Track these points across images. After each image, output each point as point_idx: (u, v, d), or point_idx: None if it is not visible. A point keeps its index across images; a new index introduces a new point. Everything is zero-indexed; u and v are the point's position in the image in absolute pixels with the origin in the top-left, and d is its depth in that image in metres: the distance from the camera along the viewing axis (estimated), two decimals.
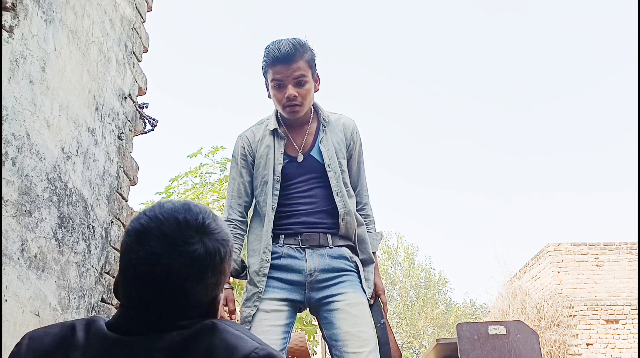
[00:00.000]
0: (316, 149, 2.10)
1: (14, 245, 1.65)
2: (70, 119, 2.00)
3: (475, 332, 3.32)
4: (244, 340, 0.90)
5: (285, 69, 2.00)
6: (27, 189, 1.73)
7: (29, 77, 1.75)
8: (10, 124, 1.65)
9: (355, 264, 2.06)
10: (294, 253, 2.01)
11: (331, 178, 2.07)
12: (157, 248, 0.91)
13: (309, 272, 1.98)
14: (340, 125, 2.16)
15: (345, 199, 2.06)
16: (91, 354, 0.90)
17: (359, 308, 1.96)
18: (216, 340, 0.89)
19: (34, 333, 0.95)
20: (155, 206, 0.96)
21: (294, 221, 2.04)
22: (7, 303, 1.61)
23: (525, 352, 3.24)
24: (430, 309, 22.59)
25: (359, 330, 1.92)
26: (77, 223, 2.04)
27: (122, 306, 0.96)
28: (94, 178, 2.18)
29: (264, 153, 2.10)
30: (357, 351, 1.89)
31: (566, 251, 11.68)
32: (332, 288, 1.98)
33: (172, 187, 7.63)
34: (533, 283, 12.37)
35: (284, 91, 2.01)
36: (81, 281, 2.06)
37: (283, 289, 1.98)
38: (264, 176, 2.08)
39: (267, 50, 2.04)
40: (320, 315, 2.00)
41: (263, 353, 0.88)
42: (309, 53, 2.05)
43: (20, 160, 1.70)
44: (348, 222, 2.06)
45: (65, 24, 1.97)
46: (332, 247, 2.03)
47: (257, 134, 2.14)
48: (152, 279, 0.91)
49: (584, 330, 11.01)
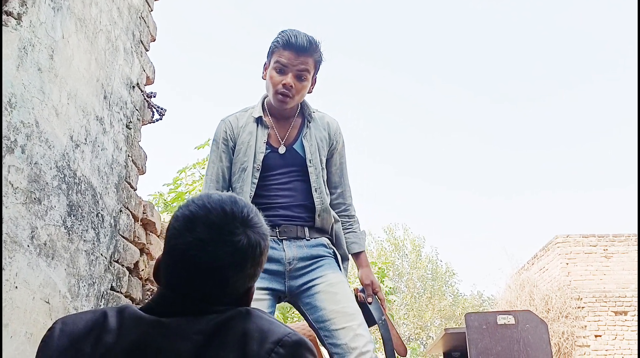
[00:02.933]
0: (299, 143, 2.11)
1: (24, 232, 1.66)
2: (78, 108, 2.00)
3: (483, 322, 3.31)
4: (277, 325, 0.94)
5: (294, 58, 2.01)
6: (37, 177, 1.73)
7: (37, 65, 1.75)
8: (20, 112, 1.65)
9: (334, 251, 2.08)
10: (272, 244, 2.00)
11: (311, 173, 2.08)
12: (203, 235, 0.96)
13: (288, 261, 1.99)
14: (324, 123, 2.18)
15: (323, 195, 2.07)
16: (126, 336, 0.93)
17: (340, 286, 1.97)
18: (251, 324, 0.93)
19: (66, 319, 0.98)
20: (203, 196, 1.02)
21: (272, 213, 2.03)
22: (17, 290, 1.62)
23: (534, 342, 3.23)
24: (438, 301, 22.58)
25: (343, 306, 1.92)
26: (86, 211, 2.04)
27: (162, 288, 1.00)
28: (103, 167, 2.19)
29: (246, 139, 2.09)
30: (345, 326, 1.88)
31: (575, 242, 11.63)
32: (311, 273, 1.99)
33: (180, 179, 7.65)
34: (541, 275, 12.33)
35: (283, 77, 2.01)
36: (90, 269, 2.07)
37: (264, 278, 1.97)
38: (243, 163, 2.07)
39: (283, 33, 2.04)
40: (303, 301, 1.99)
41: (295, 338, 0.92)
42: (319, 55, 2.07)
43: (29, 148, 1.70)
44: (324, 218, 2.08)
45: (73, 12, 1.97)
46: (309, 239, 2.05)
47: (240, 120, 2.13)
48: (197, 264, 0.96)
49: (592, 322, 10.98)
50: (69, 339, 0.94)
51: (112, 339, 0.93)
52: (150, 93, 2.66)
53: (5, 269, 1.56)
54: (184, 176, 7.61)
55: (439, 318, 22.46)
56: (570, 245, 11.65)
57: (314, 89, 2.14)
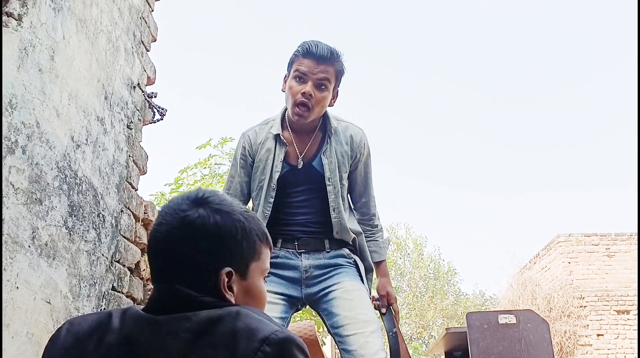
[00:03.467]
0: (318, 160, 2.06)
1: (25, 233, 1.66)
2: (79, 108, 2.00)
3: (485, 321, 3.31)
4: (265, 324, 0.93)
5: (314, 66, 1.95)
6: (38, 178, 1.74)
7: (38, 66, 1.75)
8: (20, 113, 1.66)
9: (354, 260, 2.06)
10: (290, 255, 2.02)
11: (329, 192, 2.04)
12: (161, 219, 1.01)
13: (304, 268, 1.99)
14: (347, 136, 2.10)
15: (341, 215, 2.04)
16: (126, 335, 0.95)
17: (356, 293, 1.95)
18: (240, 323, 0.92)
19: (73, 320, 1.02)
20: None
21: (291, 229, 2.04)
22: (18, 291, 1.62)
23: (535, 341, 3.22)
24: (440, 300, 22.58)
25: (357, 313, 1.90)
26: (87, 212, 2.04)
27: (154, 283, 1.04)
28: (104, 167, 2.19)
29: (264, 157, 2.06)
30: (356, 332, 1.87)
31: (577, 241, 11.61)
32: (328, 280, 1.98)
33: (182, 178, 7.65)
34: (543, 274, 12.32)
35: (303, 85, 1.95)
36: (92, 269, 2.07)
37: (280, 284, 1.98)
38: (261, 181, 2.06)
39: (303, 43, 1.99)
40: (320, 307, 2.00)
41: (282, 336, 0.90)
42: (341, 65, 2.01)
43: (30, 148, 1.70)
44: (343, 235, 2.06)
45: (74, 13, 1.97)
46: (329, 251, 2.04)
47: (259, 135, 2.10)
48: (157, 246, 1.01)
49: (594, 321, 10.96)
50: (74, 338, 0.97)
51: (113, 339, 0.95)
52: (151, 93, 2.67)
53: (6, 269, 1.56)
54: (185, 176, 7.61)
55: (441, 317, 22.46)
56: (572, 244, 11.63)
57: (335, 103, 2.07)
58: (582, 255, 11.56)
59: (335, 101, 2.06)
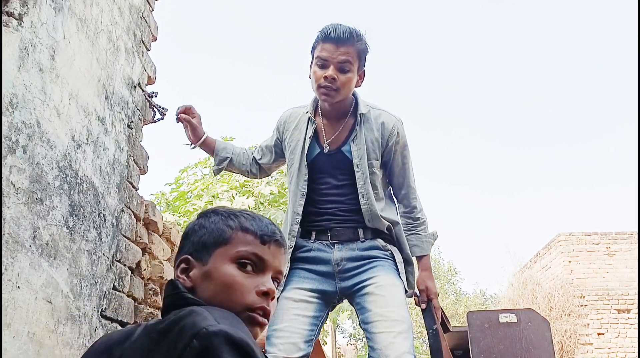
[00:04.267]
0: (347, 146, 2.04)
1: (26, 233, 1.66)
2: (80, 108, 2.00)
3: (486, 320, 3.31)
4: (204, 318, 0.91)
5: (334, 50, 1.94)
6: (38, 177, 1.74)
7: (38, 66, 1.75)
8: (21, 112, 1.66)
9: (391, 252, 2.01)
10: (323, 247, 2.00)
11: (358, 179, 2.01)
12: None
13: (336, 262, 1.96)
14: (378, 124, 2.07)
15: (371, 201, 2.00)
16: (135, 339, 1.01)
17: (389, 289, 1.90)
18: (188, 320, 0.92)
19: (111, 333, 1.11)
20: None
21: (323, 218, 2.02)
22: (19, 290, 1.62)
23: (536, 340, 3.22)
24: (440, 299, 22.58)
25: (387, 310, 1.86)
26: (88, 211, 2.05)
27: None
28: (105, 167, 2.19)
29: (296, 137, 2.09)
30: (383, 331, 1.82)
31: (577, 240, 11.62)
32: (362, 275, 1.94)
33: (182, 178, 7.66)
34: (544, 273, 12.32)
35: (325, 70, 1.96)
36: (93, 269, 2.07)
37: (313, 280, 1.96)
38: (291, 160, 2.09)
39: (323, 28, 1.98)
40: (354, 302, 1.96)
41: (214, 329, 0.87)
42: (363, 45, 1.99)
43: (31, 148, 1.70)
44: (375, 223, 2.01)
45: (74, 12, 1.97)
46: (364, 240, 1.99)
47: (293, 115, 2.16)
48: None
49: (595, 320, 10.97)
50: (106, 345, 1.05)
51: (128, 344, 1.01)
52: (151, 93, 2.66)
53: (7, 269, 1.56)
54: (185, 175, 7.61)
55: None
56: (573, 243, 11.64)
57: (362, 83, 2.05)
58: (582, 253, 11.57)
59: (362, 81, 2.05)
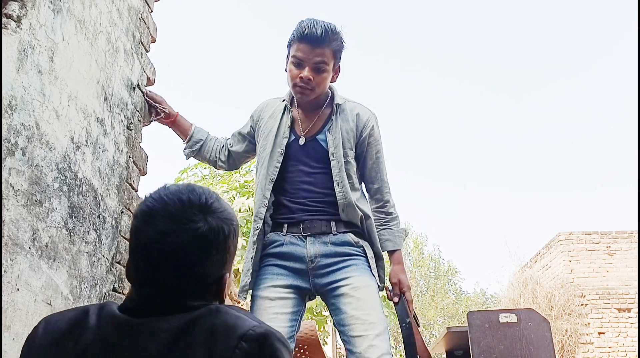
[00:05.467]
0: (322, 135, 2.06)
1: (25, 234, 1.66)
2: (79, 109, 2.00)
3: (486, 320, 3.31)
4: (243, 320, 0.91)
5: (309, 51, 1.96)
6: (38, 179, 1.74)
7: (37, 67, 1.75)
8: (20, 114, 1.66)
9: (363, 248, 2.02)
10: (296, 240, 1.98)
11: (333, 167, 2.01)
12: (163, 226, 0.95)
13: (310, 258, 1.95)
14: (354, 115, 2.10)
15: (346, 189, 2.00)
16: (102, 336, 0.93)
17: (365, 291, 1.91)
18: (217, 320, 0.91)
19: (50, 318, 0.99)
20: (160, 189, 1.01)
21: (295, 207, 2.01)
22: (19, 292, 1.62)
23: (536, 340, 3.22)
24: (441, 299, 22.59)
25: (364, 313, 1.87)
26: (87, 213, 2.04)
27: (133, 286, 1.00)
28: (104, 168, 2.19)
29: (270, 124, 2.10)
30: (362, 334, 1.84)
31: (578, 240, 11.62)
32: (337, 273, 1.95)
33: (182, 179, 7.66)
34: (544, 273, 12.32)
35: (300, 70, 1.98)
36: (92, 270, 2.07)
37: (287, 276, 1.96)
38: (264, 146, 2.08)
39: (299, 25, 1.99)
40: (328, 301, 1.97)
41: (260, 331, 0.89)
42: (338, 43, 2.00)
43: (30, 150, 1.70)
44: (349, 212, 2.01)
45: (73, 14, 1.97)
46: (336, 233, 1.99)
47: (270, 105, 2.18)
48: (160, 256, 0.95)
49: (595, 319, 10.97)
50: (52, 337, 0.96)
51: (90, 337, 0.94)
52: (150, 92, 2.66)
53: (6, 271, 1.56)
54: (185, 176, 7.61)
55: (442, 316, 22.46)
56: (573, 242, 11.64)
57: (338, 78, 2.09)
58: (583, 253, 11.57)
59: (337, 76, 2.09)
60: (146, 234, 0.96)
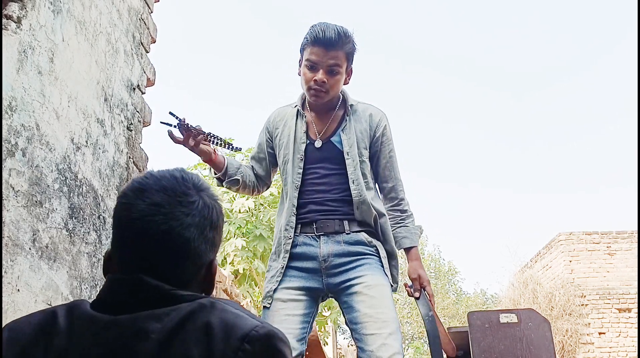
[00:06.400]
0: (337, 137, 2.08)
1: (25, 235, 1.66)
2: (79, 110, 2.01)
3: (486, 320, 3.31)
4: (243, 318, 0.86)
5: (323, 54, 1.99)
6: (38, 180, 1.74)
7: (37, 68, 1.75)
8: (20, 115, 1.66)
9: (375, 248, 2.03)
10: (309, 241, 2.00)
11: (348, 165, 2.04)
12: (157, 199, 0.91)
13: (323, 258, 1.96)
14: (366, 115, 2.13)
15: (361, 187, 2.03)
16: (78, 339, 0.86)
17: (378, 289, 1.92)
18: (214, 318, 0.85)
19: (13, 324, 0.91)
20: (149, 170, 0.98)
21: (309, 209, 2.03)
22: (19, 293, 1.62)
23: (537, 340, 3.22)
24: (441, 299, 22.58)
25: (377, 311, 1.88)
26: (87, 214, 2.05)
27: (113, 276, 0.92)
28: (104, 169, 2.19)
29: (287, 133, 2.11)
30: (375, 333, 1.85)
31: (578, 240, 11.61)
32: (350, 272, 1.95)
33: None
34: (544, 273, 12.32)
35: (314, 73, 2.00)
36: (92, 271, 2.07)
37: (300, 277, 1.96)
38: (286, 156, 2.10)
39: (312, 29, 2.02)
40: (341, 300, 1.98)
41: (263, 331, 0.84)
42: (351, 46, 2.04)
43: (30, 151, 1.70)
44: (363, 211, 2.02)
45: (73, 15, 1.97)
46: (349, 233, 2.00)
47: (281, 113, 2.18)
48: (154, 229, 0.89)
49: (596, 319, 10.96)
50: (19, 347, 0.87)
51: (63, 342, 0.86)
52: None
53: (7, 272, 1.56)
54: None
55: (442, 316, 22.45)
56: (574, 242, 11.63)
57: (350, 80, 2.12)
58: (583, 253, 11.56)
59: (350, 78, 2.12)
60: (138, 208, 0.90)
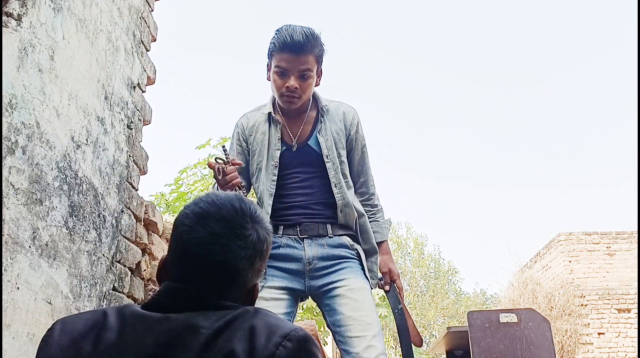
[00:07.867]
0: (314, 139, 2.06)
1: (25, 233, 1.66)
2: (79, 108, 2.00)
3: (486, 320, 3.31)
4: (284, 322, 0.99)
5: (293, 60, 1.94)
6: (38, 178, 1.73)
7: (37, 66, 1.75)
8: (20, 113, 1.65)
9: (357, 252, 2.04)
10: (292, 243, 1.99)
11: (329, 169, 2.03)
12: (217, 229, 1.01)
13: (307, 260, 1.96)
14: (340, 114, 2.11)
15: (343, 190, 2.02)
16: (130, 333, 0.95)
17: (361, 293, 1.93)
18: (258, 321, 0.96)
19: (66, 319, 1.00)
20: (211, 194, 1.07)
21: (292, 212, 2.02)
22: (19, 291, 1.62)
23: (536, 340, 3.22)
24: (441, 299, 22.59)
25: (361, 314, 1.89)
26: (87, 212, 2.04)
27: (170, 282, 1.03)
28: (104, 167, 2.19)
29: (259, 139, 2.07)
30: (360, 335, 1.86)
31: (577, 240, 11.61)
32: (333, 275, 1.96)
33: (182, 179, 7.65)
34: (544, 273, 12.32)
35: (285, 80, 1.96)
36: (92, 269, 2.07)
37: (282, 278, 1.96)
38: (259, 163, 2.06)
39: (278, 34, 1.97)
40: (323, 302, 1.98)
41: (302, 333, 0.96)
42: (320, 48, 2.00)
43: (30, 149, 1.70)
44: (347, 213, 2.03)
45: (74, 13, 1.97)
46: (332, 236, 2.01)
47: (251, 119, 2.12)
48: (210, 257, 1.00)
49: (595, 320, 10.95)
50: (70, 338, 0.95)
51: (113, 337, 0.94)
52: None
53: (7, 270, 1.56)
54: (185, 176, 7.60)
55: (442, 316, 22.46)
56: (573, 242, 11.63)
57: (321, 81, 2.09)
58: (583, 253, 11.56)
59: (320, 79, 2.08)
60: (199, 234, 1.00)
